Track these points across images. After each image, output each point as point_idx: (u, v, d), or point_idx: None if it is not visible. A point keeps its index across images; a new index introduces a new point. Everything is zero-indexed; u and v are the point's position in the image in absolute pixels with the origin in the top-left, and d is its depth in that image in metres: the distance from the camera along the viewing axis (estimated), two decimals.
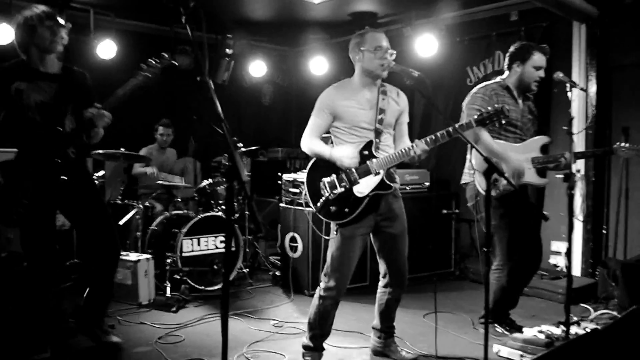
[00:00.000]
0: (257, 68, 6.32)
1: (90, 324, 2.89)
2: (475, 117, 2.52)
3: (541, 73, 3.14)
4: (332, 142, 2.78)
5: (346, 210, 2.61)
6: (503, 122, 2.53)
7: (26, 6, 2.70)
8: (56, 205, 2.79)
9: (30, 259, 2.72)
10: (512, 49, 3.20)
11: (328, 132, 2.77)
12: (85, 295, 2.91)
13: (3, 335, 2.93)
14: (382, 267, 2.82)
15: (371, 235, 2.78)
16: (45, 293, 2.75)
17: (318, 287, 2.74)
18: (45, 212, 2.71)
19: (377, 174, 2.63)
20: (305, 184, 2.71)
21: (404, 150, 2.60)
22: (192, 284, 4.04)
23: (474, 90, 3.18)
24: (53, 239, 2.81)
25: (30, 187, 2.59)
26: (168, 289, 3.95)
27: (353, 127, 2.67)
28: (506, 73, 3.22)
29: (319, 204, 2.63)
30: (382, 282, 2.86)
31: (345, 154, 2.60)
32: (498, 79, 3.23)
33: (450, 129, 2.50)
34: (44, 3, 4.55)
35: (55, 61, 2.71)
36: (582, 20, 4.37)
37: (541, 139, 3.17)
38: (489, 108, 2.52)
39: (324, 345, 2.80)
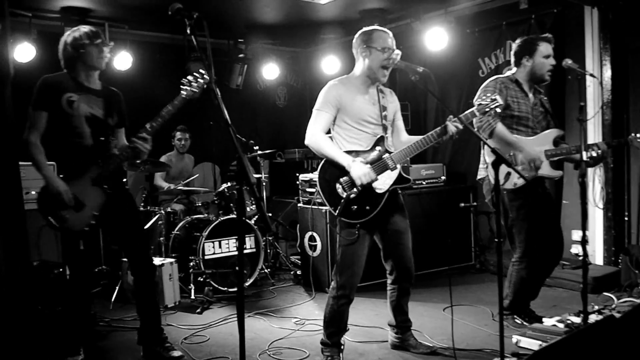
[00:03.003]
0: (270, 71, 6.40)
1: (151, 344, 2.93)
2: (475, 107, 2.56)
3: (552, 61, 3.11)
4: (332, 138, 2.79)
5: (367, 208, 2.62)
6: (499, 110, 2.57)
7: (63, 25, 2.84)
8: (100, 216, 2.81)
9: (72, 266, 2.81)
10: (515, 46, 3.19)
11: (329, 132, 2.78)
12: (137, 315, 2.98)
13: (38, 338, 3.07)
14: (388, 265, 2.85)
15: (377, 233, 2.79)
16: (85, 298, 2.85)
17: (330, 286, 2.78)
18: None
19: (394, 168, 2.66)
20: (319, 187, 2.68)
21: (420, 142, 2.64)
22: (215, 285, 4.14)
23: (484, 84, 3.18)
24: (94, 248, 2.92)
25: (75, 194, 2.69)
26: (192, 291, 4.07)
27: (360, 121, 2.69)
28: (514, 69, 3.20)
29: (339, 206, 2.59)
30: (389, 279, 2.89)
31: (364, 172, 2.56)
32: (507, 73, 3.23)
33: (465, 114, 2.54)
34: (63, 19, 4.76)
35: (97, 79, 2.86)
36: (594, 4, 4.30)
37: (554, 132, 3.15)
38: (483, 97, 2.56)
39: (343, 340, 2.84)
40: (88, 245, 2.80)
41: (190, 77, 2.72)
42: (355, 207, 2.62)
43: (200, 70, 2.73)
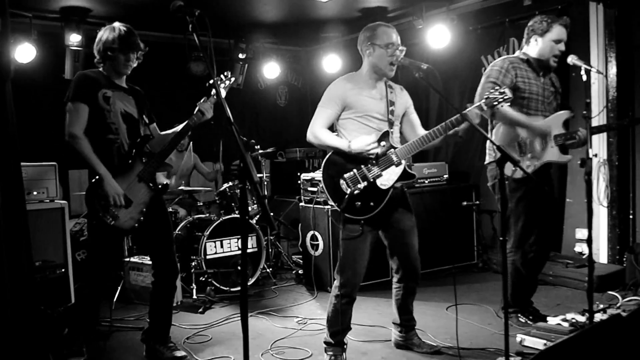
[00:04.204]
0: (271, 70, 6.37)
1: (153, 342, 2.91)
2: (484, 100, 2.52)
3: (561, 47, 3.05)
4: (337, 135, 2.77)
5: (372, 204, 2.60)
6: (508, 103, 2.54)
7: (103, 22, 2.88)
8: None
9: (102, 264, 2.76)
10: (531, 22, 3.14)
11: (334, 130, 2.77)
12: (148, 314, 2.97)
13: (41, 338, 3.05)
14: (394, 263, 2.83)
15: (381, 232, 2.78)
16: (100, 298, 2.83)
17: (333, 285, 2.76)
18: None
19: (399, 164, 2.64)
20: (322, 183, 2.67)
21: (425, 136, 2.60)
22: (217, 285, 4.13)
23: (493, 63, 3.15)
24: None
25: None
26: (194, 291, 4.05)
27: (366, 116, 2.67)
28: (525, 47, 3.16)
29: (343, 202, 2.58)
30: (395, 278, 2.88)
31: (366, 142, 2.55)
32: (518, 52, 3.18)
33: (471, 109, 2.53)
34: (63, 20, 4.74)
35: (124, 78, 2.86)
36: (599, 0, 4.27)
37: (563, 114, 3.09)
38: (491, 91, 2.52)
39: (346, 339, 2.82)
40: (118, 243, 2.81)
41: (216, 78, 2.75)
42: (360, 203, 2.60)
43: (226, 73, 2.77)
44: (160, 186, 2.83)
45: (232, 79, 2.79)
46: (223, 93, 2.75)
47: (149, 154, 2.80)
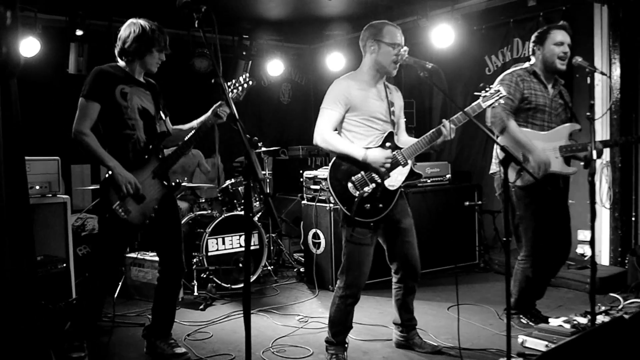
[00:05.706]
0: (275, 67, 6.36)
1: (154, 338, 2.91)
2: (481, 99, 2.53)
3: (564, 48, 3.04)
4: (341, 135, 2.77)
5: (380, 205, 2.59)
6: (502, 101, 2.56)
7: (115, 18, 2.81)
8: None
9: (108, 259, 2.75)
10: (532, 36, 3.16)
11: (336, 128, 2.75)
12: (151, 310, 2.97)
13: (42, 333, 3.05)
14: (394, 264, 2.82)
15: (381, 231, 2.76)
16: (105, 293, 2.84)
17: (336, 286, 2.75)
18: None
19: (405, 164, 2.63)
20: (330, 186, 2.62)
21: (428, 136, 2.60)
22: (219, 282, 4.13)
23: (500, 77, 3.15)
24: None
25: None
26: (195, 288, 4.05)
27: (369, 117, 2.65)
28: (532, 59, 3.16)
29: (353, 206, 2.54)
30: (395, 278, 2.86)
31: (382, 156, 2.55)
32: (526, 64, 3.18)
33: (472, 106, 2.52)
34: (68, 15, 4.73)
35: (143, 72, 2.85)
36: (604, 1, 4.26)
37: (570, 127, 3.09)
38: (492, 91, 2.53)
39: (347, 338, 2.82)
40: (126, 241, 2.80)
41: (234, 80, 2.75)
42: (369, 205, 2.59)
43: (246, 74, 2.76)
44: (173, 184, 2.83)
45: (251, 82, 2.75)
46: (242, 95, 2.76)
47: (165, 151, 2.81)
